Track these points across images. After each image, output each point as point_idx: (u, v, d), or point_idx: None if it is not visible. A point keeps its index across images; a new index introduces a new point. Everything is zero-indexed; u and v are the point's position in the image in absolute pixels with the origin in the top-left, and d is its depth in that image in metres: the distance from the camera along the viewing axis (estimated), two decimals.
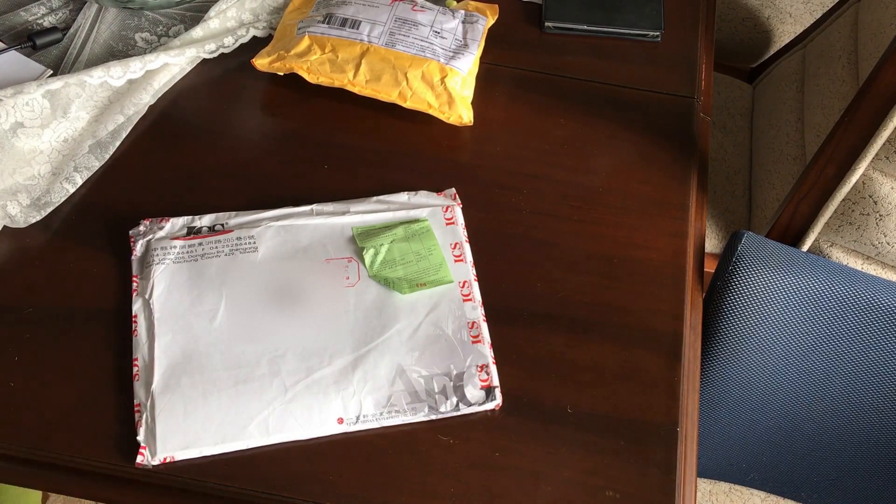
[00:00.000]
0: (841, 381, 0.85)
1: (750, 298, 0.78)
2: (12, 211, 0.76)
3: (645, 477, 0.67)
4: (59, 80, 0.82)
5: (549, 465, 0.67)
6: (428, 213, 0.78)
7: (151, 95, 0.86)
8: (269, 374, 0.68)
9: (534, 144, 0.87)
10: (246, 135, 0.86)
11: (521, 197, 0.82)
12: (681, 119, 0.90)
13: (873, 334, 0.80)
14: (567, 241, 0.79)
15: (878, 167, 1.01)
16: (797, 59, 1.35)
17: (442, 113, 0.85)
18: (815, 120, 1.19)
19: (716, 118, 1.39)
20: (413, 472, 0.66)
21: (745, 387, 0.87)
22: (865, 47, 1.12)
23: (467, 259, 0.76)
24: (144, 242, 0.74)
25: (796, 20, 1.53)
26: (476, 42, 0.89)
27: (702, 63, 0.97)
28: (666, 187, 0.84)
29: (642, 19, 0.97)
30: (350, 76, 0.85)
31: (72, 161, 0.80)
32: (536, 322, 0.74)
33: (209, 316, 0.70)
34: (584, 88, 0.92)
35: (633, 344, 0.73)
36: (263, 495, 0.64)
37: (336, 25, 0.87)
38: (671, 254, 0.79)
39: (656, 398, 0.70)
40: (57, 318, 0.72)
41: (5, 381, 0.68)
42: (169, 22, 0.94)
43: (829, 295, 0.78)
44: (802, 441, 0.93)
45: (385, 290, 0.73)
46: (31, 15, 0.93)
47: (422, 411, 0.67)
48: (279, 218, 0.76)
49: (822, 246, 1.12)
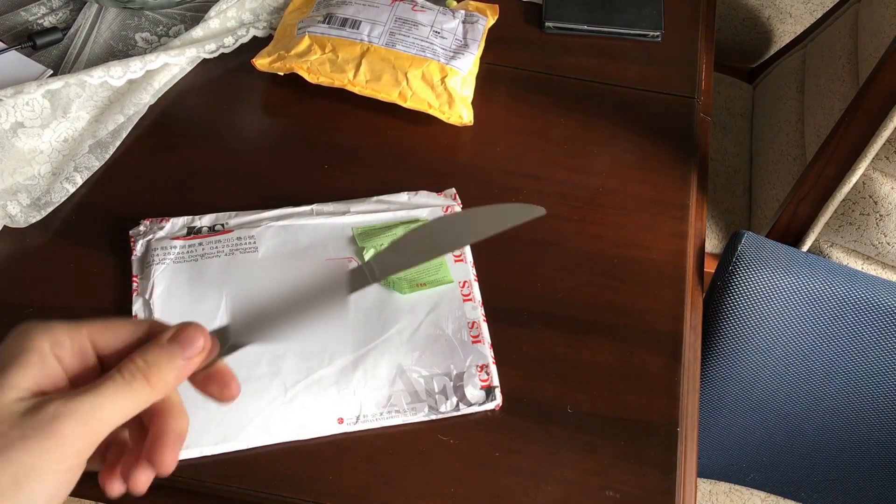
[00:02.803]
0: (841, 381, 0.85)
1: (750, 298, 0.78)
2: (12, 211, 0.76)
3: (645, 477, 0.67)
4: (60, 80, 0.82)
5: (549, 465, 0.67)
6: (428, 213, 0.78)
7: (152, 95, 0.86)
8: (269, 374, 0.68)
9: (534, 144, 0.87)
10: (246, 135, 0.86)
11: (521, 197, 0.82)
12: (681, 119, 0.90)
13: (873, 334, 0.80)
14: (567, 241, 0.79)
15: (878, 167, 1.01)
16: (797, 59, 1.36)
17: (442, 113, 0.85)
18: (815, 120, 1.19)
19: (716, 118, 1.39)
20: (413, 472, 0.66)
21: (745, 387, 0.87)
22: (865, 47, 1.12)
23: (467, 259, 0.76)
24: (144, 242, 0.74)
25: (796, 20, 1.53)
26: (476, 42, 0.89)
27: (702, 63, 0.97)
28: (666, 187, 0.84)
29: (642, 19, 0.97)
30: (350, 76, 0.85)
31: (72, 161, 0.80)
32: (536, 322, 0.74)
33: (209, 316, 0.70)
34: (584, 88, 0.92)
35: (633, 344, 0.73)
36: (263, 495, 0.64)
37: (336, 25, 0.87)
38: (671, 254, 0.79)
39: (656, 398, 0.70)
40: (57, 318, 0.71)
41: None
42: (169, 22, 0.94)
43: (829, 295, 0.78)
44: (802, 441, 0.93)
45: (385, 291, 0.73)
46: (31, 15, 0.93)
47: (422, 411, 0.67)
48: (279, 218, 0.76)
49: (822, 246, 1.12)
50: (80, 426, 0.37)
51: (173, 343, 0.40)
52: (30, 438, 0.36)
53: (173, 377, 0.40)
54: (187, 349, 0.40)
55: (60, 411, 0.37)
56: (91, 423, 0.37)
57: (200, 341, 0.41)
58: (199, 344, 0.41)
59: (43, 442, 0.36)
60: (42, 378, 0.39)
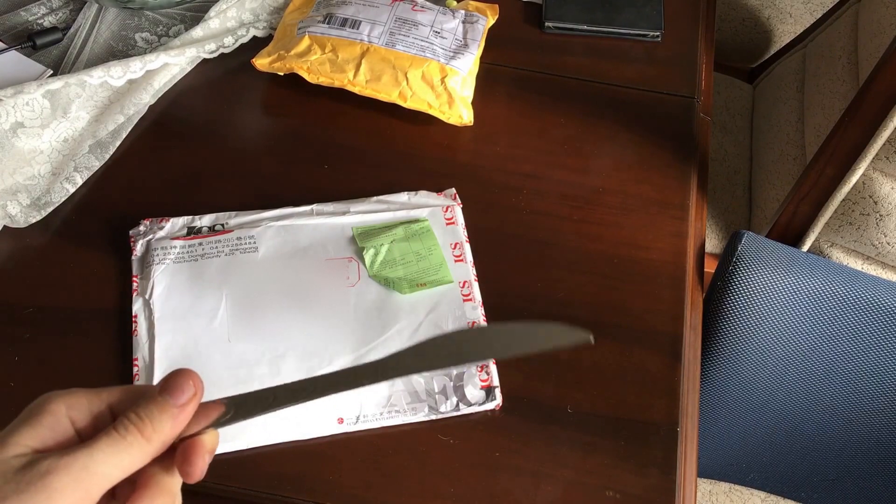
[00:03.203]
0: (841, 381, 0.85)
1: (750, 298, 0.78)
2: (12, 211, 0.76)
3: (645, 477, 0.66)
4: (59, 80, 0.82)
5: (549, 465, 0.67)
6: (428, 213, 0.78)
7: (151, 95, 0.86)
8: (269, 374, 0.68)
9: (534, 144, 0.87)
10: (246, 135, 0.86)
11: (521, 197, 0.82)
12: (681, 119, 0.90)
13: (873, 334, 0.80)
14: (567, 241, 0.79)
15: (878, 167, 1.01)
16: (797, 59, 1.36)
17: (442, 113, 0.85)
18: (815, 120, 1.19)
19: (716, 118, 1.39)
20: (413, 472, 0.66)
21: (745, 387, 0.87)
22: (865, 47, 1.12)
23: (467, 259, 0.76)
24: (144, 242, 0.74)
25: (796, 20, 1.53)
26: (476, 42, 0.89)
27: (702, 63, 0.97)
28: (666, 187, 0.84)
29: (642, 19, 0.97)
30: (350, 76, 0.85)
31: (72, 161, 0.80)
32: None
33: (209, 316, 0.70)
34: (584, 88, 0.92)
35: (633, 344, 0.73)
36: (263, 495, 0.64)
37: (336, 25, 0.87)
38: (671, 254, 0.79)
39: (656, 398, 0.70)
40: (57, 318, 0.72)
41: (5, 381, 0.68)
42: (169, 22, 0.94)
43: (829, 295, 0.78)
44: (802, 441, 0.93)
45: (385, 290, 0.73)
46: (31, 15, 0.93)
47: (422, 411, 0.67)
48: (279, 218, 0.76)
49: (822, 246, 1.12)
50: (72, 480, 0.37)
51: (164, 393, 0.41)
52: (23, 492, 0.37)
53: (168, 427, 0.40)
54: (177, 396, 0.41)
55: (53, 466, 0.37)
56: (84, 477, 0.38)
57: (189, 385, 0.41)
58: (188, 389, 0.41)
59: (35, 496, 0.37)
60: (50, 438, 0.39)
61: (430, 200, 0.79)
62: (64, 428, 0.40)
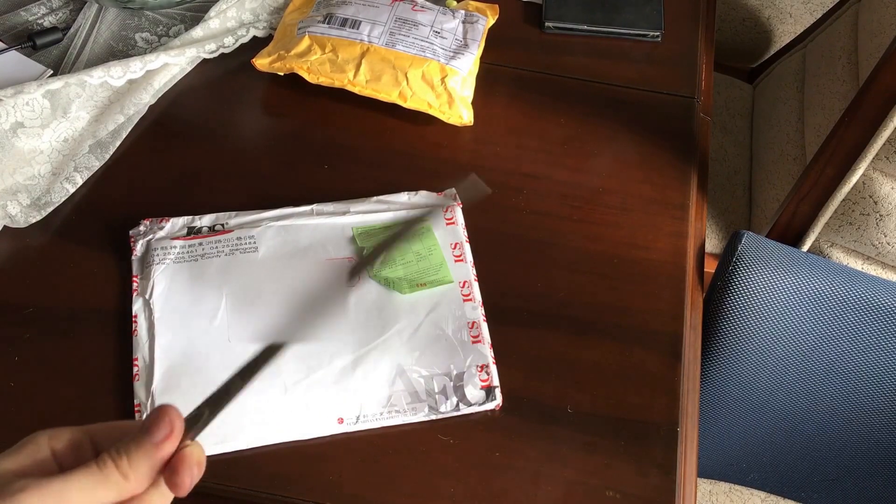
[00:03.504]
0: (841, 381, 0.85)
1: (750, 298, 0.78)
2: (12, 211, 0.76)
3: (645, 477, 0.66)
4: (60, 80, 0.82)
5: (549, 465, 0.67)
6: (428, 214, 0.78)
7: (152, 95, 0.86)
8: (269, 374, 0.67)
9: (534, 144, 0.87)
10: (246, 135, 0.86)
11: (521, 197, 0.82)
12: (681, 119, 0.90)
13: (873, 334, 0.80)
14: (567, 241, 0.79)
15: (878, 167, 1.01)
16: (797, 59, 1.36)
17: (442, 113, 0.85)
18: (815, 120, 1.19)
19: (716, 118, 1.39)
20: (413, 472, 0.66)
21: (745, 387, 0.87)
22: (865, 47, 1.12)
23: (467, 259, 0.76)
24: (144, 242, 0.74)
25: (796, 20, 1.53)
26: (476, 42, 0.89)
27: (702, 63, 0.97)
28: (666, 187, 0.84)
29: (642, 19, 0.97)
30: (350, 76, 0.85)
31: (72, 161, 0.80)
32: (536, 322, 0.74)
33: (209, 316, 0.70)
34: (584, 88, 0.92)
35: (633, 344, 0.73)
36: (263, 495, 0.64)
37: (336, 25, 0.87)
38: (671, 254, 0.79)
39: (656, 398, 0.70)
40: (57, 318, 0.72)
41: (5, 381, 0.68)
42: (169, 22, 0.94)
43: (829, 295, 0.78)
44: (802, 441, 0.93)
45: (385, 291, 0.73)
46: (31, 15, 0.93)
47: (422, 411, 0.67)
48: (279, 218, 0.76)
49: (822, 246, 1.12)
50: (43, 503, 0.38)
51: (143, 430, 0.41)
52: None
53: (145, 465, 0.41)
54: (154, 434, 0.41)
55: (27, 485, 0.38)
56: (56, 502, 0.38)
57: (166, 422, 0.41)
58: (164, 426, 0.41)
59: None
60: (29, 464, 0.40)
61: (430, 200, 0.79)
62: (44, 456, 0.41)
